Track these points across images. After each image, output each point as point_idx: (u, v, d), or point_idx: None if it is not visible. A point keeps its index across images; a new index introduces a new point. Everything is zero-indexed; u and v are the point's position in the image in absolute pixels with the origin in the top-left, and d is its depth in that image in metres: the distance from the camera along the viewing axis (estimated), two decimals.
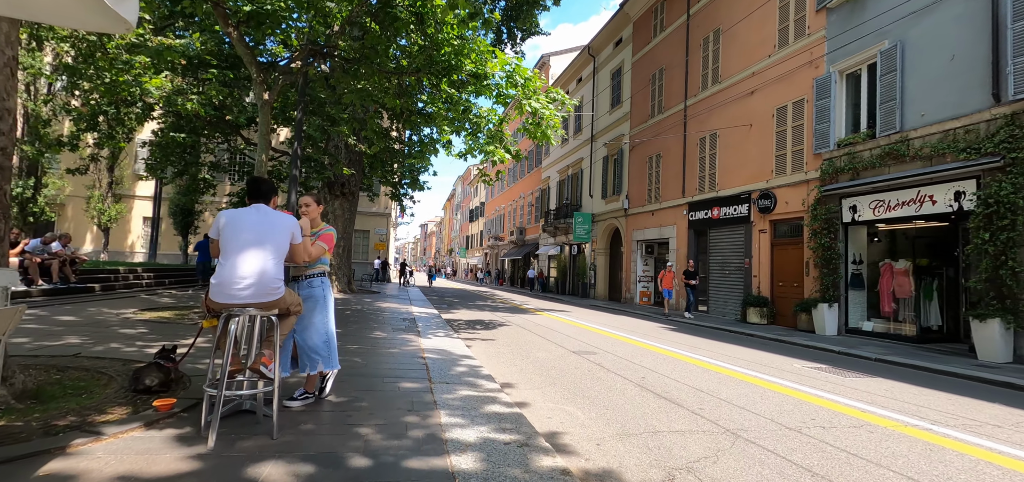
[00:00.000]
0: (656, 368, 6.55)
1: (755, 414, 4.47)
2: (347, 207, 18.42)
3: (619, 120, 22.82)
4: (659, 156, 19.05)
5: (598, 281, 24.15)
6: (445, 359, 5.87)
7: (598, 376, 5.92)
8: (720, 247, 15.52)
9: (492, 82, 9.56)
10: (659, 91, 19.44)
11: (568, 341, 8.89)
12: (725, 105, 15.39)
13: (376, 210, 31.62)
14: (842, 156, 11.19)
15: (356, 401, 3.87)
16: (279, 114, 14.28)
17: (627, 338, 9.64)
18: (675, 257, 17.69)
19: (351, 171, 15.81)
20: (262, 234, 2.95)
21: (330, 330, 3.72)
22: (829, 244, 11.29)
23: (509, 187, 44.41)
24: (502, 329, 10.29)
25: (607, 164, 23.82)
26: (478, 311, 14.60)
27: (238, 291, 2.82)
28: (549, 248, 30.88)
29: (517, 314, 14.08)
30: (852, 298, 11.16)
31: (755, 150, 14.05)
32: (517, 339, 8.89)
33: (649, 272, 20.63)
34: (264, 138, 9.01)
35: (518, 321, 12.07)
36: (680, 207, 17.47)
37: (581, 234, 24.76)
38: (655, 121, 19.48)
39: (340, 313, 10.32)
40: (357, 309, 11.67)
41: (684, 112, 17.48)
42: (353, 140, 14.91)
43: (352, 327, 8.32)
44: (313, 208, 3.74)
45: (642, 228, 20.13)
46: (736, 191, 14.64)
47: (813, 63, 12.21)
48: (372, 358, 5.70)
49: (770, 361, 7.60)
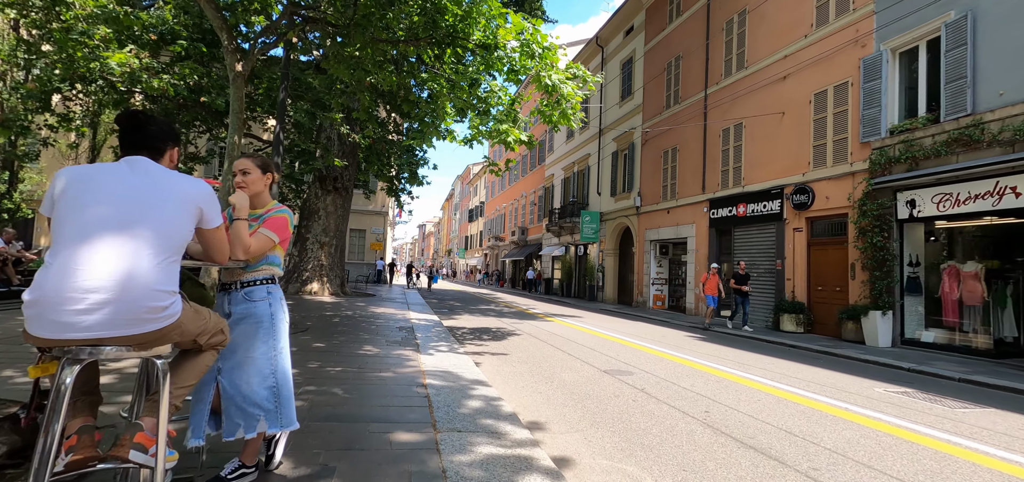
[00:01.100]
0: (715, 396, 5.23)
1: (897, 480, 3.16)
2: (340, 203, 17.08)
3: (630, 113, 21.54)
4: (675, 150, 17.76)
5: (606, 283, 22.85)
6: (452, 387, 4.55)
7: (648, 409, 4.60)
8: (747, 247, 14.23)
9: (503, 54, 8.26)
10: (675, 80, 18.16)
11: (593, 355, 7.58)
12: (752, 92, 14.11)
13: (373, 208, 30.27)
14: (896, 144, 9.91)
15: (324, 474, 2.55)
16: (264, 99, 12.96)
17: (659, 351, 8.33)
18: (694, 258, 16.40)
19: (344, 163, 14.48)
20: (134, 208, 1.62)
21: (282, 369, 2.37)
22: (882, 243, 10.00)
23: (510, 186, 43.12)
24: (513, 340, 8.97)
25: (617, 160, 22.53)
26: (482, 317, 13.27)
27: (75, 315, 1.49)
28: (553, 249, 29.58)
29: (525, 320, 12.76)
30: (908, 305, 9.87)
31: (789, 140, 12.76)
32: (533, 353, 7.57)
33: (663, 274, 19.33)
34: (237, 116, 7.68)
35: (528, 329, 10.76)
36: (700, 204, 16.18)
37: (588, 234, 23.47)
38: (671, 113, 18.20)
39: (327, 321, 8.99)
40: (347, 315, 10.35)
41: (704, 102, 16.20)
42: (346, 129, 13.58)
43: (338, 340, 6.99)
44: (255, 176, 2.41)
45: (656, 227, 18.84)
46: (766, 186, 13.35)
47: (859, 41, 10.93)
48: (357, 389, 4.37)
49: (842, 383, 6.29)
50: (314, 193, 16.89)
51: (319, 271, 16.30)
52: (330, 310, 11.13)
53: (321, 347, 6.29)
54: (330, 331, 7.75)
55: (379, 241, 30.14)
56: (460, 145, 15.39)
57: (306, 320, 8.88)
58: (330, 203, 16.79)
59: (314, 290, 15.83)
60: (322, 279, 16.25)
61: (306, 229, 16.67)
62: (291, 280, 16.18)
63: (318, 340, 6.81)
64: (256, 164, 2.41)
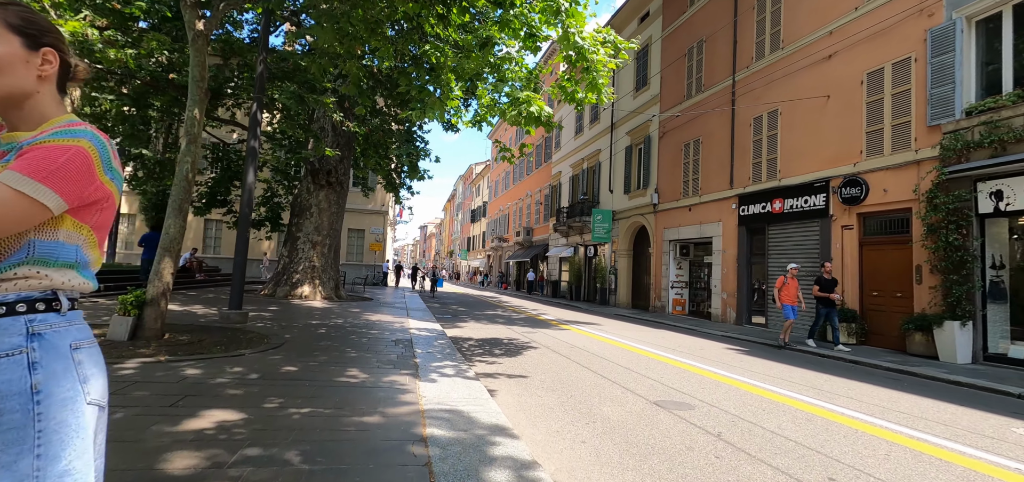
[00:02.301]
0: (825, 448, 3.82)
1: None
2: (335, 199, 15.73)
3: (646, 104, 20.15)
4: (698, 142, 16.36)
5: (620, 287, 21.43)
6: (464, 440, 3.16)
7: (745, 474, 3.20)
8: (784, 247, 12.81)
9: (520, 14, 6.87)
10: (697, 67, 16.77)
11: (632, 378, 6.18)
12: (790, 76, 12.71)
13: (372, 208, 28.89)
14: (976, 127, 8.50)
15: None
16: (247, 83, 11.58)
17: (710, 371, 6.93)
18: (720, 259, 14.99)
19: (337, 153, 13.12)
20: None
21: None
22: (959, 242, 8.59)
23: (515, 185, 41.76)
24: (530, 355, 7.57)
25: (631, 154, 21.14)
26: (490, 325, 11.88)
27: None
28: (560, 250, 28.17)
29: (539, 329, 11.37)
30: (991, 314, 8.45)
31: (835, 127, 11.36)
32: (559, 374, 6.17)
33: (683, 276, 17.90)
34: (197, 84, 6.30)
35: (544, 340, 9.37)
36: (727, 200, 14.77)
37: (600, 234, 22.06)
38: (692, 102, 16.80)
39: (311, 333, 7.60)
40: (337, 324, 8.97)
41: (731, 88, 14.81)
42: (338, 117, 12.20)
43: (317, 360, 5.61)
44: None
45: (676, 226, 17.43)
46: (808, 178, 11.95)
47: (925, 10, 9.53)
48: (325, 453, 2.97)
49: (969, 420, 4.88)
50: (306, 188, 15.55)
51: (311, 273, 14.95)
52: (318, 317, 9.75)
53: (292, 372, 4.91)
54: (310, 347, 6.36)
55: (379, 241, 28.76)
56: (467, 128, 13.97)
57: (285, 332, 7.50)
58: (323, 199, 15.44)
59: (305, 294, 14.48)
60: (314, 282, 14.89)
61: (297, 227, 15.33)
62: (280, 282, 14.83)
63: (291, 361, 5.42)
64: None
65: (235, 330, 7.17)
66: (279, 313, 10.19)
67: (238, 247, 8.14)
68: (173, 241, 6.13)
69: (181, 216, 6.20)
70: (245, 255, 8.21)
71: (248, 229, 8.24)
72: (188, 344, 5.83)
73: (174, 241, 6.14)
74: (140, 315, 5.82)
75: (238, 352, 5.63)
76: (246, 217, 8.11)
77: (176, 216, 6.16)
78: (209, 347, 5.75)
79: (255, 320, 8.63)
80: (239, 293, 8.01)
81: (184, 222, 6.25)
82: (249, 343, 6.25)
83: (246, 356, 5.49)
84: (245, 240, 8.18)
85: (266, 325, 8.09)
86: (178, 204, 6.19)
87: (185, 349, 5.58)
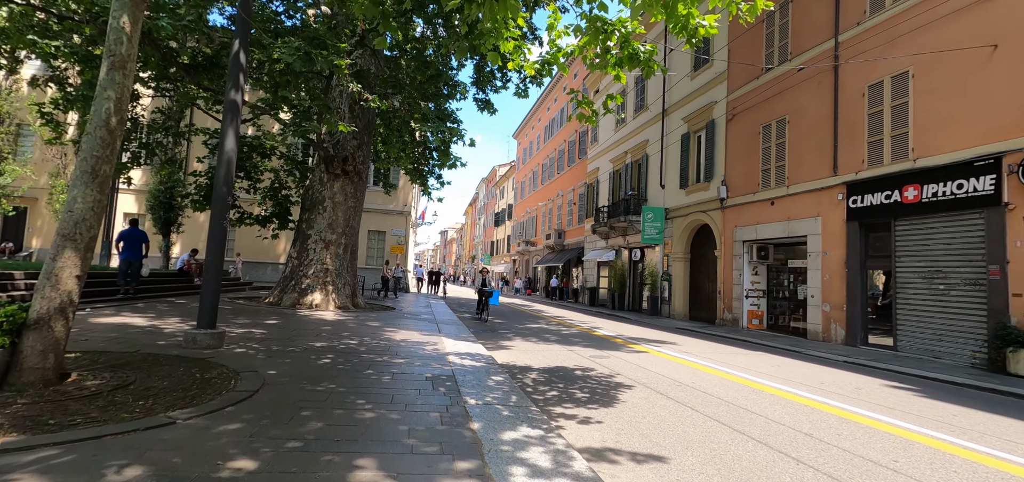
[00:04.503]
0: None
1: None
2: (352, 192, 13.43)
3: (707, 85, 17.41)
4: (783, 122, 13.58)
5: (675, 295, 18.63)
6: None
7: None
8: (922, 247, 9.95)
9: None
10: (780, 33, 14.01)
11: (808, 447, 3.54)
12: (926, 27, 9.91)
13: (394, 208, 26.70)
14: None
15: None
16: None
17: (909, 431, 4.24)
18: (819, 262, 12.15)
19: (352, 128, 10.80)
20: None
21: None
22: None
23: (543, 185, 39.23)
24: (632, 401, 4.98)
25: (688, 143, 18.39)
26: (544, 344, 9.32)
27: None
28: (599, 253, 25.48)
29: (607, 350, 8.76)
30: None
31: (1006, 86, 8.53)
32: (706, 446, 3.57)
33: (760, 284, 15.07)
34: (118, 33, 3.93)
35: (630, 371, 6.78)
36: (829, 190, 11.96)
37: (651, 234, 19.32)
38: (773, 75, 14.03)
39: (309, 366, 5.15)
40: (349, 347, 6.56)
41: (833, 52, 12.01)
42: (357, 88, 9.86)
43: (304, 436, 3.14)
44: None
45: (752, 223, 14.64)
46: (962, 156, 9.11)
47: None
48: None
49: None
50: (318, 178, 13.28)
51: (323, 277, 12.64)
52: (326, 336, 7.35)
53: (245, 475, 2.44)
54: (300, 397, 3.92)
55: (401, 244, 26.53)
56: (530, 76, 11.38)
57: (271, 365, 5.08)
58: (338, 191, 13.15)
59: (316, 302, 12.17)
60: (326, 288, 12.58)
61: (308, 224, 13.07)
62: (287, 289, 12.57)
63: (255, 437, 2.97)
64: None
65: (195, 364, 4.79)
66: (277, 329, 7.84)
67: (211, 238, 5.80)
68: (80, 224, 3.78)
69: (96, 184, 3.85)
70: (221, 252, 5.87)
71: (226, 213, 5.90)
72: (91, 398, 3.45)
73: (82, 224, 3.79)
74: (14, 347, 3.47)
75: (168, 415, 3.22)
76: (221, 197, 5.77)
77: (88, 184, 3.82)
78: (123, 404, 3.36)
79: (238, 342, 6.28)
80: (211, 306, 5.66)
81: (101, 194, 3.89)
82: (202, 390, 3.85)
83: (177, 425, 3.07)
84: (221, 231, 5.84)
85: (249, 351, 5.71)
86: (92, 165, 3.84)
87: (80, 407, 3.20)
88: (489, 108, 13.92)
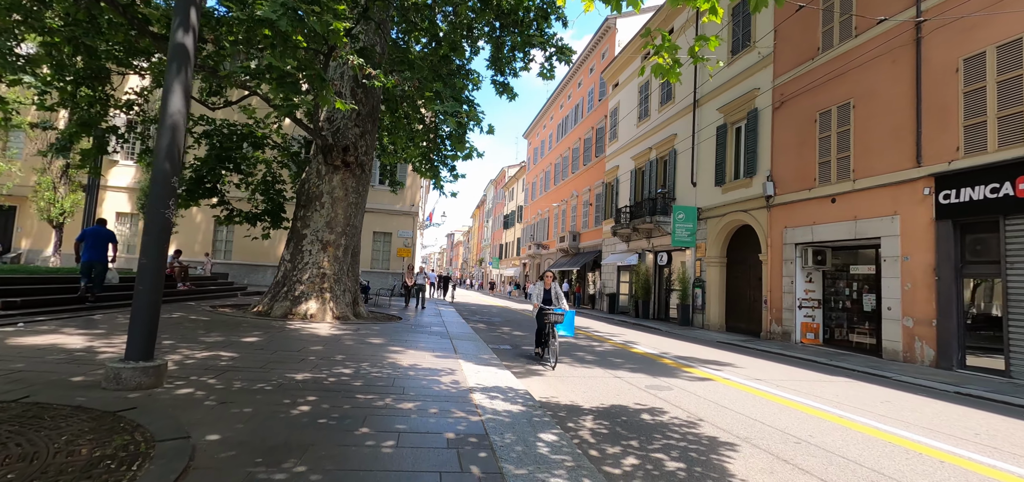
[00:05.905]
0: None
1: None
2: (353, 186, 11.82)
3: (747, 71, 15.68)
4: (846, 107, 11.83)
5: (709, 304, 16.86)
6: None
7: None
8: None
9: None
10: (842, 6, 12.26)
11: None
12: None
13: (401, 207, 25.12)
14: None
15: None
16: None
17: None
18: (899, 268, 10.36)
19: (352, 106, 9.17)
20: None
21: None
22: None
23: (556, 185, 37.54)
24: (746, 474, 3.30)
25: (725, 136, 16.65)
26: (582, 367, 7.62)
27: None
28: (619, 257, 23.72)
29: (665, 377, 7.05)
30: None
31: None
32: None
33: (815, 293, 13.27)
34: None
35: (711, 413, 5.07)
36: (912, 184, 10.19)
37: (682, 236, 17.55)
38: (832, 55, 12.29)
39: (278, 417, 3.41)
40: (343, 379, 4.92)
41: (915, 23, 10.27)
42: (358, 63, 8.22)
43: None
44: None
45: (806, 224, 12.87)
46: None
47: None
48: None
49: None
50: (316, 171, 11.68)
51: (319, 283, 11.02)
52: (313, 364, 5.68)
53: None
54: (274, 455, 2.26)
55: (407, 246, 24.92)
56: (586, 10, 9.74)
57: (222, 416, 3.42)
58: (338, 185, 11.55)
59: (311, 312, 10.55)
60: (323, 296, 10.95)
61: (302, 222, 11.46)
62: (278, 297, 10.97)
63: None
64: None
65: (97, 421, 3.15)
66: (253, 352, 6.21)
67: (148, 233, 4.18)
68: None
69: None
70: (163, 252, 4.24)
71: (172, 199, 4.27)
72: None
73: None
74: None
75: None
76: (164, 175, 4.14)
77: None
78: None
79: (189, 374, 4.65)
80: (145, 328, 4.03)
81: None
82: None
83: None
84: (161, 224, 4.21)
85: (197, 393, 4.07)
86: None
87: None
88: (508, 92, 12.30)
